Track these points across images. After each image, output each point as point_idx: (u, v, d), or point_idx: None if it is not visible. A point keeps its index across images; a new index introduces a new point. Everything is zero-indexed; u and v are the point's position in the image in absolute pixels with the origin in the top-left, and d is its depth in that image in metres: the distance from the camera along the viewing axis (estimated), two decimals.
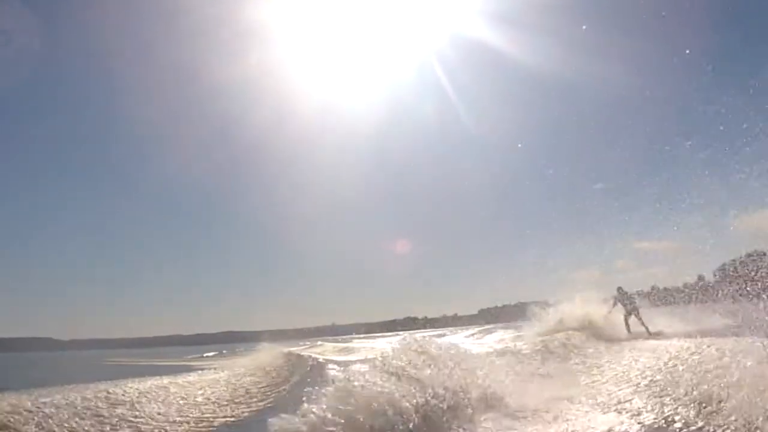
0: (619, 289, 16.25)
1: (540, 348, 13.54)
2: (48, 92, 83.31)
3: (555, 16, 43.97)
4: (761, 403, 4.64)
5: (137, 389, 8.53)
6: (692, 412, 5.52)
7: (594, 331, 15.63)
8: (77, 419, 6.67)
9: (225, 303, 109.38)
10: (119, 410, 7.40)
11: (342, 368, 15.43)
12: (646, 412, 6.16)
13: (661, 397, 6.47)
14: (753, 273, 10.57)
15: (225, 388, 11.22)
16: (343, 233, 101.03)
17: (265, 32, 47.55)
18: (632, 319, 15.90)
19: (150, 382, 9.35)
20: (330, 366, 16.20)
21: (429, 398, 6.08)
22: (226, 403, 9.78)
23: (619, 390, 7.65)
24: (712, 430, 5.03)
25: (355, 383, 5.94)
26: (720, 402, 5.27)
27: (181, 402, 8.83)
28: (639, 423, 5.86)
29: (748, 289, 10.16)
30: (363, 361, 12.86)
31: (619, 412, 6.44)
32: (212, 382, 11.57)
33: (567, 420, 6.43)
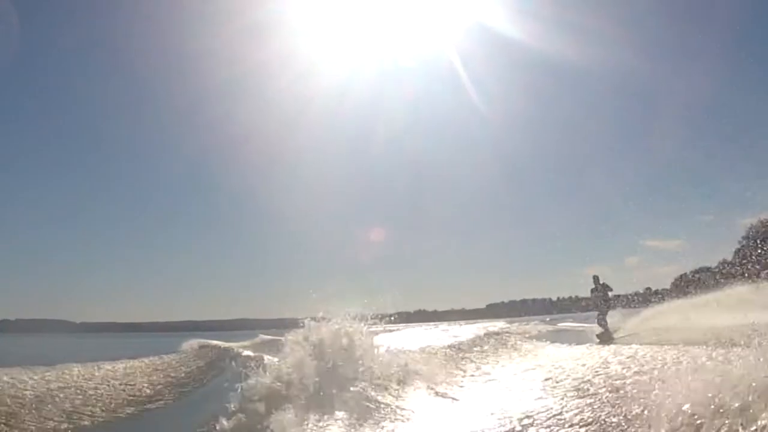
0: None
1: None
2: (48, 92, 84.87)
3: (574, 7, 42.58)
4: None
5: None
6: None
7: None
8: None
9: (239, 291, 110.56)
10: None
11: None
12: None
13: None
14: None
15: None
16: (352, 227, 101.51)
17: (275, 22, 48.04)
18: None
19: None
20: None
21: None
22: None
23: None
24: None
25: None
26: None
27: None
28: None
29: None
30: None
31: None
32: None
33: None
